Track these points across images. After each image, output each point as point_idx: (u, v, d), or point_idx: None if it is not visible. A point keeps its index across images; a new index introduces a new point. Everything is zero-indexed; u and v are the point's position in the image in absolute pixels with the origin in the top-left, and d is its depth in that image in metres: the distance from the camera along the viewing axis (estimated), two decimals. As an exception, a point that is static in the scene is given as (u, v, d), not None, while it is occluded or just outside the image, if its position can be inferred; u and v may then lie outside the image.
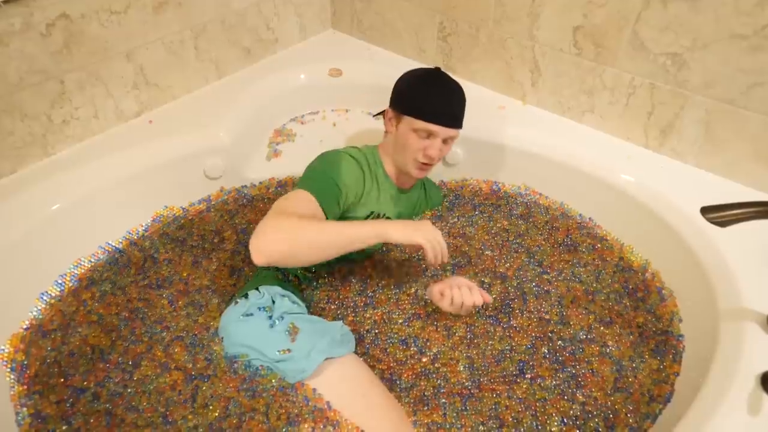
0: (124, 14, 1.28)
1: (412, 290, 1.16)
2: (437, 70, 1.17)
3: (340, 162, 1.10)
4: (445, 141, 1.14)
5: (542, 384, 1.04)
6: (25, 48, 1.14)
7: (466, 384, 1.03)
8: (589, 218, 1.38)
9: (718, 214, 0.90)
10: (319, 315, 1.12)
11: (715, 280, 1.10)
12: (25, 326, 1.08)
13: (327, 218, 1.00)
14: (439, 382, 1.03)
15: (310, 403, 0.95)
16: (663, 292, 1.21)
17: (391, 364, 1.05)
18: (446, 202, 1.43)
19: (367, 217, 1.17)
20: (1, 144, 1.18)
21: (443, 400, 1.00)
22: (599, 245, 1.32)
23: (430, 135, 1.12)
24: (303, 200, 1.00)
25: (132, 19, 1.30)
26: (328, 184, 1.05)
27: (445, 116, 1.12)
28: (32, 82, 1.18)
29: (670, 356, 1.09)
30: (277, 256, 0.91)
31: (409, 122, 1.13)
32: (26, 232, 1.12)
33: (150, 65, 1.38)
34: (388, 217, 1.23)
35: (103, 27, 1.25)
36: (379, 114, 1.23)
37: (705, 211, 0.91)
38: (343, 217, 1.12)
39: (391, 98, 1.19)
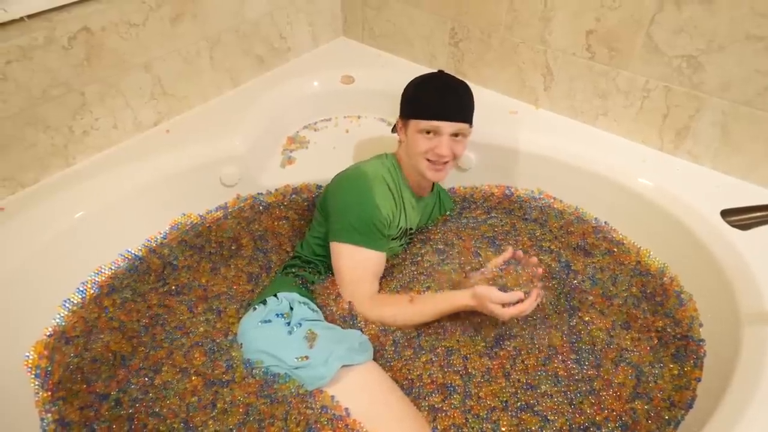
0: (143, 26, 1.31)
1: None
2: (439, 72, 1.18)
3: (373, 192, 1.11)
4: (455, 137, 1.13)
5: (563, 391, 1.03)
6: (48, 61, 1.17)
7: (487, 393, 1.02)
8: (605, 222, 1.37)
9: (740, 217, 0.88)
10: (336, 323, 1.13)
11: (736, 284, 1.09)
12: (48, 333, 1.09)
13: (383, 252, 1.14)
14: (459, 390, 1.02)
15: (329, 411, 0.95)
16: (682, 296, 1.20)
17: (410, 376, 1.04)
18: (458, 206, 1.44)
19: (397, 233, 1.19)
20: (25, 155, 1.21)
21: (464, 408, 1.00)
22: (616, 249, 1.31)
23: (435, 133, 1.12)
24: (367, 262, 1.11)
25: (150, 31, 1.33)
26: (374, 230, 1.10)
27: (444, 110, 1.11)
28: (54, 94, 1.21)
29: (691, 361, 1.08)
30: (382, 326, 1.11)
31: (414, 125, 1.14)
32: (49, 241, 1.14)
33: (167, 76, 1.41)
34: (411, 228, 1.24)
35: (123, 39, 1.28)
36: (394, 127, 1.24)
37: (725, 214, 0.90)
38: None
39: (400, 108, 1.20)
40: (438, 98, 1.12)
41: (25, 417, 0.98)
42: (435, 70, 1.20)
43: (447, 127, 1.11)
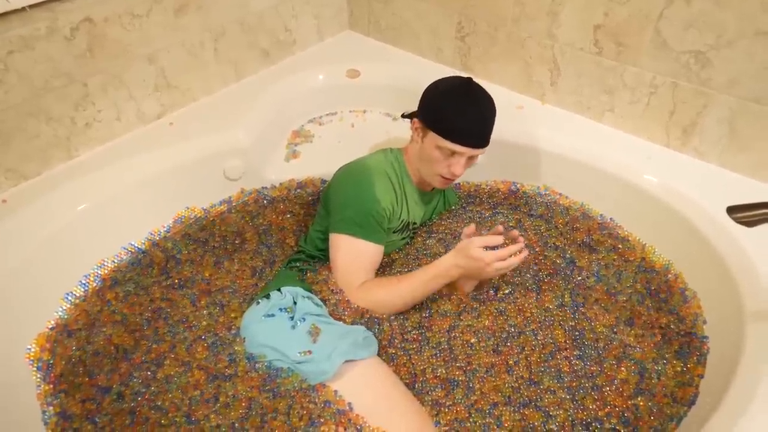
0: (146, 17, 1.30)
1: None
2: (468, 83, 1.11)
3: (373, 185, 1.10)
4: (470, 157, 1.12)
5: (566, 386, 1.03)
6: (50, 52, 1.16)
7: (490, 388, 1.02)
8: (611, 219, 1.36)
9: (745, 214, 0.88)
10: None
11: (741, 281, 1.08)
12: (50, 326, 1.09)
13: (380, 245, 1.13)
14: (462, 385, 1.02)
15: (332, 406, 0.95)
16: (686, 293, 1.19)
17: (413, 371, 1.04)
18: (463, 202, 1.43)
19: (399, 225, 1.18)
20: (27, 146, 1.20)
21: (467, 403, 1.00)
22: (621, 246, 1.30)
23: (454, 153, 1.10)
24: (363, 254, 1.10)
25: (153, 23, 1.32)
26: (372, 222, 1.09)
27: (472, 139, 1.09)
28: (57, 85, 1.20)
29: (695, 358, 1.08)
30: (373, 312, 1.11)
31: (434, 138, 1.10)
32: (51, 233, 1.14)
33: (171, 68, 1.40)
34: (414, 222, 1.24)
35: (126, 30, 1.27)
36: (407, 116, 1.21)
37: (731, 210, 0.90)
38: None
39: (420, 107, 1.15)
40: (471, 125, 1.08)
41: (27, 409, 0.97)
42: (465, 77, 1.13)
43: (468, 152, 1.10)
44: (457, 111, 1.08)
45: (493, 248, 1.01)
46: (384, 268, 1.21)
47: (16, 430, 0.93)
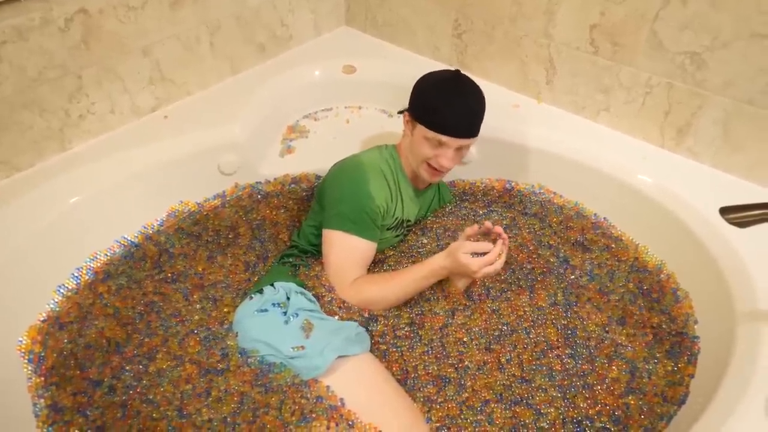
0: (141, 10, 1.29)
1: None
2: (456, 75, 1.13)
3: (368, 182, 1.11)
4: (458, 148, 1.13)
5: (557, 385, 1.03)
6: (44, 43, 1.15)
7: (482, 385, 1.02)
8: (604, 218, 1.37)
9: (738, 215, 0.88)
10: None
11: (732, 282, 1.09)
12: (42, 318, 1.09)
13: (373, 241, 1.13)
14: (454, 382, 1.02)
15: (324, 401, 0.95)
16: (678, 293, 1.20)
17: (405, 367, 1.04)
18: (457, 200, 1.43)
19: (393, 223, 1.19)
20: (21, 138, 1.19)
21: (458, 400, 1.00)
22: (614, 245, 1.31)
23: (442, 144, 1.11)
24: (356, 250, 1.11)
25: (149, 15, 1.31)
26: (366, 218, 1.10)
27: (457, 129, 1.09)
28: (50, 77, 1.19)
29: (685, 358, 1.09)
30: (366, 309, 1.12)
31: (422, 130, 1.11)
32: (43, 226, 1.13)
33: (166, 61, 1.39)
34: (408, 220, 1.24)
35: (121, 22, 1.26)
36: (402, 112, 1.21)
37: (724, 211, 0.90)
38: None
39: (410, 100, 1.16)
40: (451, 113, 1.09)
41: (18, 402, 0.97)
42: (453, 69, 1.15)
43: (455, 142, 1.10)
44: (444, 102, 1.09)
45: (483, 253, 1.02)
46: (377, 265, 1.21)
47: (7, 422, 0.93)
